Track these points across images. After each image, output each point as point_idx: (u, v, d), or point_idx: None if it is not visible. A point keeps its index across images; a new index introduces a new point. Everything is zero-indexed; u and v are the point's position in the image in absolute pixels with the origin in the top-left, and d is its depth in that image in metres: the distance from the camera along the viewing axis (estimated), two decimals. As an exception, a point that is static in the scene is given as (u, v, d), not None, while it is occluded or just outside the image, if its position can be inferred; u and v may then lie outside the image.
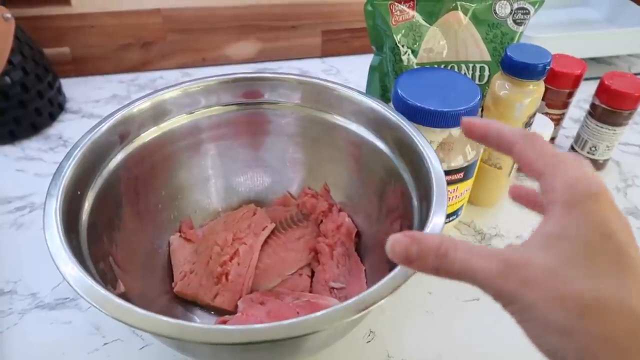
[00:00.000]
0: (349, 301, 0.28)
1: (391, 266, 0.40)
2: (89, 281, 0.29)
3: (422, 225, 0.34)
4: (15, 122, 0.63)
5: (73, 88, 0.73)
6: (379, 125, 0.44)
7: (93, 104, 0.71)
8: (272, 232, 0.49)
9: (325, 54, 0.84)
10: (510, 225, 0.55)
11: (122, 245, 0.41)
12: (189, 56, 0.79)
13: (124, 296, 0.36)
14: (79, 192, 0.37)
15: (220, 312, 0.44)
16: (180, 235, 0.48)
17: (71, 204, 0.35)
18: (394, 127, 0.42)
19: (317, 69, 0.81)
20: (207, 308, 0.44)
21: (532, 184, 0.60)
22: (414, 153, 0.40)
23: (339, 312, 0.28)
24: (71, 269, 0.30)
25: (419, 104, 0.43)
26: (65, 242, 0.31)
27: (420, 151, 0.39)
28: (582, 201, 0.23)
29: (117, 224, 0.41)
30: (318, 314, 0.27)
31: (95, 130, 0.40)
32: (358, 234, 0.49)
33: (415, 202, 0.39)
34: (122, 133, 0.42)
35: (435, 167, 0.37)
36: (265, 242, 0.48)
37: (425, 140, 0.40)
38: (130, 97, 0.72)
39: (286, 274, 0.46)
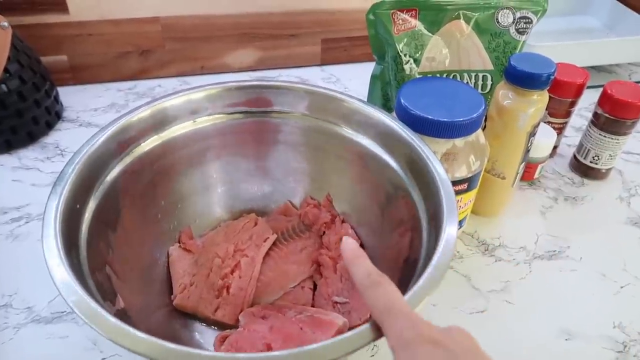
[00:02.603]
0: (362, 328, 0.27)
1: (400, 282, 0.39)
2: (89, 301, 0.28)
3: (436, 236, 0.34)
4: (11, 131, 0.62)
5: (71, 96, 0.72)
6: (385, 137, 0.44)
7: (91, 112, 0.70)
8: (274, 243, 0.48)
9: (324, 62, 0.84)
10: (514, 236, 0.54)
11: (121, 257, 0.40)
12: (187, 64, 0.78)
13: (122, 311, 0.35)
14: (77, 206, 0.36)
15: (221, 326, 0.43)
16: (180, 246, 0.47)
17: (70, 219, 0.35)
18: (401, 140, 0.42)
19: (316, 77, 0.81)
20: (208, 322, 0.44)
21: (534, 193, 0.60)
22: (421, 166, 0.39)
23: (353, 339, 0.27)
24: (71, 291, 0.29)
25: (422, 114, 0.42)
26: (66, 260, 0.31)
27: (427, 164, 0.38)
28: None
29: (116, 235, 0.40)
30: (329, 341, 0.26)
31: (95, 140, 0.39)
32: (362, 246, 0.48)
33: (423, 215, 0.38)
34: (121, 142, 0.42)
35: (443, 178, 0.37)
36: (267, 253, 0.47)
37: (432, 153, 0.39)
38: (128, 106, 0.72)
39: (288, 287, 0.45)
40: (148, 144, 0.44)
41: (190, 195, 0.49)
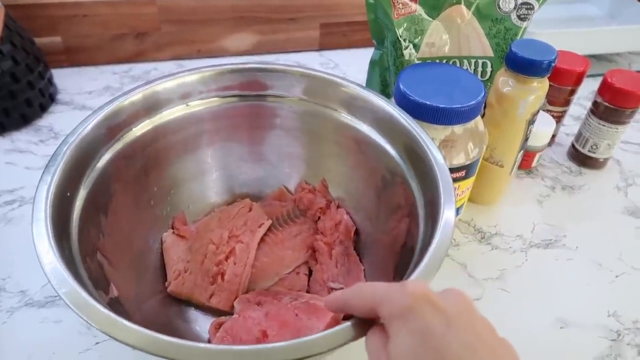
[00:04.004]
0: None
1: (395, 269, 0.39)
2: (79, 290, 0.28)
3: (433, 222, 0.33)
4: (4, 113, 0.61)
5: (65, 79, 0.71)
6: (383, 123, 0.43)
7: (85, 95, 0.70)
8: (268, 228, 0.48)
9: (323, 47, 0.83)
10: (511, 225, 0.54)
11: (113, 244, 0.39)
12: (184, 48, 0.77)
13: (116, 300, 0.35)
14: (68, 194, 0.35)
15: (216, 312, 0.43)
16: (174, 232, 0.47)
17: (61, 207, 0.34)
18: (399, 126, 0.41)
19: (314, 62, 0.80)
20: (203, 308, 0.43)
21: (532, 182, 0.60)
22: (419, 152, 0.39)
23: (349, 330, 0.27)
24: (61, 280, 0.29)
25: (421, 100, 0.41)
26: (56, 248, 0.30)
27: (425, 150, 0.38)
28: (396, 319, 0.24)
29: (108, 221, 0.40)
30: (331, 331, 0.26)
31: (85, 125, 0.38)
32: (357, 232, 0.48)
33: (420, 201, 0.38)
34: (112, 127, 0.41)
35: (440, 164, 0.36)
36: (262, 239, 0.47)
37: (429, 138, 0.39)
38: (123, 89, 0.71)
39: (283, 273, 0.45)
40: (140, 129, 0.43)
41: (183, 180, 0.48)
